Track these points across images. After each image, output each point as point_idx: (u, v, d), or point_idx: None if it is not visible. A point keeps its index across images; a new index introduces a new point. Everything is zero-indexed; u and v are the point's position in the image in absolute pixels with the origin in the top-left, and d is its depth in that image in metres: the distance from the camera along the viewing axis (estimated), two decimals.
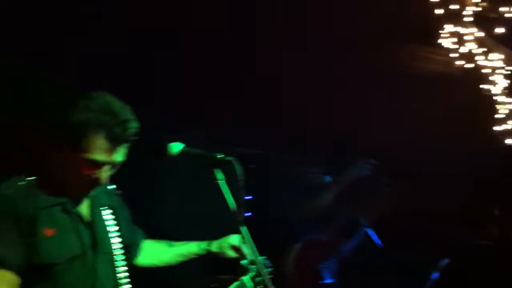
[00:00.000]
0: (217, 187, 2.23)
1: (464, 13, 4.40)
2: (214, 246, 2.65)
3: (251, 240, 2.15)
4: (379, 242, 3.94)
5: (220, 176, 2.22)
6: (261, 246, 2.94)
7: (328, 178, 4.41)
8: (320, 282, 4.04)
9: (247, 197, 5.17)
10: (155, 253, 2.73)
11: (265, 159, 5.11)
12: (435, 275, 3.86)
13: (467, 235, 4.92)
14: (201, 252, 2.67)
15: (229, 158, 2.22)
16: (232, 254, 2.61)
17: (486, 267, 4.74)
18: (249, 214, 5.06)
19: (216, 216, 2.95)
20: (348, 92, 5.13)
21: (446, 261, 3.92)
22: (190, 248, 2.70)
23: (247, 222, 4.89)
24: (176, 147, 2.31)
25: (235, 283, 2.59)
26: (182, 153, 2.30)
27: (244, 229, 2.11)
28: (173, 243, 2.75)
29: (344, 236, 4.34)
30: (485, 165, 5.00)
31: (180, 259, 2.72)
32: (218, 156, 2.24)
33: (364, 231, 4.21)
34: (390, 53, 5.10)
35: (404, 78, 5.17)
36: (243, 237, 2.12)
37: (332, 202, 4.23)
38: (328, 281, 4.07)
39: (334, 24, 4.71)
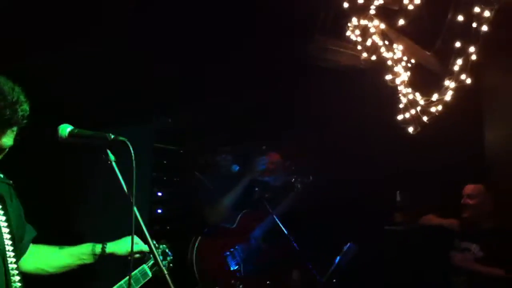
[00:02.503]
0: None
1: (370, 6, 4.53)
2: (109, 247, 2.56)
3: (142, 223, 2.08)
4: (286, 230, 3.99)
5: (112, 157, 2.14)
6: (167, 236, 2.95)
7: (236, 168, 4.43)
8: (226, 269, 4.04)
9: (158, 193, 5.14)
10: (44, 256, 2.52)
11: (180, 154, 5.10)
12: (338, 258, 3.97)
13: (375, 221, 5.13)
14: (96, 252, 2.54)
15: (121, 138, 2.14)
16: (126, 254, 2.54)
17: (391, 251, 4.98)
18: (160, 210, 5.06)
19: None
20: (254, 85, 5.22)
21: (349, 245, 4.04)
22: (82, 249, 2.54)
23: (158, 218, 4.84)
24: (65, 129, 2.22)
25: (136, 271, 2.57)
26: (72, 134, 2.21)
27: (135, 210, 2.06)
28: (65, 246, 2.57)
29: (253, 224, 4.38)
30: (390, 153, 5.21)
31: (72, 261, 2.52)
32: (110, 136, 2.15)
33: (272, 219, 4.24)
34: (299, 46, 5.21)
35: (315, 71, 5.31)
36: (135, 217, 2.06)
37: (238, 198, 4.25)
38: (234, 268, 4.08)
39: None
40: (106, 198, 4.14)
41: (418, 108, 4.51)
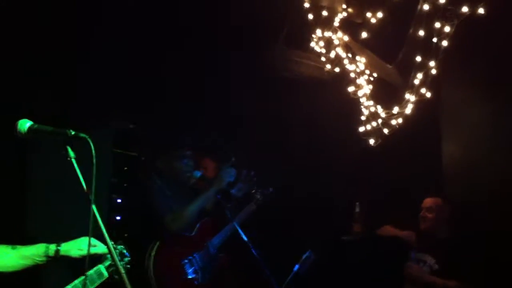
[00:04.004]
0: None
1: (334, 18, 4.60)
2: (63, 248, 2.50)
3: (101, 222, 2.03)
4: (246, 238, 3.96)
5: (72, 153, 2.10)
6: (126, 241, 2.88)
7: (198, 174, 4.36)
8: (183, 277, 3.97)
9: (118, 200, 5.04)
10: None
11: (141, 161, 5.01)
12: (297, 267, 3.96)
13: (332, 231, 5.17)
14: (50, 253, 2.47)
15: (83, 135, 2.10)
16: (80, 257, 2.50)
17: (349, 261, 5.02)
18: (119, 217, 4.97)
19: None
20: (220, 94, 5.22)
21: (308, 254, 4.04)
22: (35, 250, 2.46)
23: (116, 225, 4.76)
24: (24, 124, 2.17)
25: (91, 271, 2.50)
26: (31, 130, 2.16)
27: (94, 208, 2.00)
28: (17, 245, 2.49)
29: (211, 232, 4.32)
30: (350, 164, 5.27)
31: (25, 262, 2.45)
32: (71, 133, 2.11)
33: (232, 226, 4.20)
34: (265, 56, 5.24)
35: (278, 81, 5.34)
36: (94, 217, 2.00)
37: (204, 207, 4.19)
38: (191, 276, 4.02)
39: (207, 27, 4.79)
40: (62, 196, 4.04)
41: (379, 121, 4.59)
